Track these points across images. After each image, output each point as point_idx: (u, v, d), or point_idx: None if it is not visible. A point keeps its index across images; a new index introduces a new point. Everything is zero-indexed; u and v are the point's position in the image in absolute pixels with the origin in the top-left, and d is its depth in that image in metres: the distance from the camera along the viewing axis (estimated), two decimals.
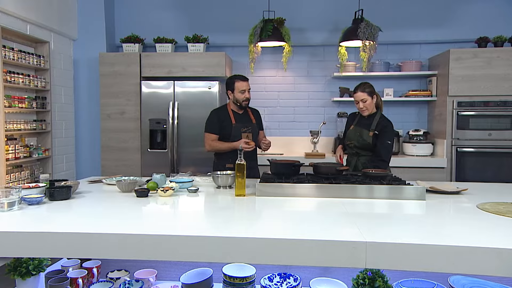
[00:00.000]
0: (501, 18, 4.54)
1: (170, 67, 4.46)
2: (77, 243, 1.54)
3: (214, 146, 3.18)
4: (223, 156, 3.21)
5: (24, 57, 3.80)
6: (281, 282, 1.76)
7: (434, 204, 2.02)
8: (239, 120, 3.22)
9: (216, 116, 3.23)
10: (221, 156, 3.24)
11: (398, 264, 1.39)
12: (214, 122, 3.21)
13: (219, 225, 1.64)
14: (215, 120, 3.21)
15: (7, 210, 1.79)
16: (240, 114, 3.26)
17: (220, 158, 3.25)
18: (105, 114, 4.52)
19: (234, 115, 3.23)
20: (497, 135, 4.19)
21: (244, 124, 3.22)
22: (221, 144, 3.17)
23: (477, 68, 4.16)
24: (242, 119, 3.25)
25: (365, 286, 1.59)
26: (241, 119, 3.24)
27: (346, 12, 4.45)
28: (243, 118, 3.26)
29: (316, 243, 1.43)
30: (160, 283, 1.86)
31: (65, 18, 4.49)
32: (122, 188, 2.29)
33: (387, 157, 2.99)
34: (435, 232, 1.54)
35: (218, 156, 3.27)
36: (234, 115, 3.23)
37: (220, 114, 3.24)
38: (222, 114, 3.24)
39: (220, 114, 3.25)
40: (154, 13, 4.93)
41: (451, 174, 4.26)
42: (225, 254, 1.48)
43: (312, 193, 2.20)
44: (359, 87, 3.05)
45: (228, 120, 3.20)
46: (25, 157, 3.81)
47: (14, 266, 1.77)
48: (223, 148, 3.16)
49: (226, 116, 3.22)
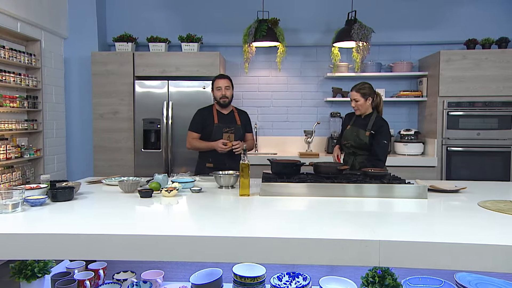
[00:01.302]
0: (489, 21, 4.66)
1: (164, 67, 4.43)
2: (83, 245, 1.52)
3: (193, 144, 3.23)
4: (205, 156, 3.24)
5: (16, 56, 3.72)
6: (290, 281, 1.77)
7: (436, 203, 2.07)
8: (223, 120, 3.24)
9: (200, 115, 3.28)
10: (203, 155, 3.28)
11: (410, 262, 1.42)
12: (197, 120, 3.27)
13: (228, 225, 1.65)
14: (198, 119, 3.26)
15: (11, 211, 1.76)
16: (224, 115, 3.27)
17: (202, 157, 3.29)
18: (98, 113, 4.47)
19: (218, 115, 3.25)
20: (485, 134, 4.30)
21: (227, 124, 3.23)
22: (200, 143, 3.21)
23: (466, 70, 4.27)
24: (226, 119, 3.26)
25: (375, 284, 1.61)
26: (224, 119, 3.25)
27: (338, 13, 4.51)
28: (227, 118, 3.27)
29: (329, 242, 1.44)
30: (168, 284, 1.86)
31: (55, 16, 4.42)
32: (124, 188, 2.28)
33: (383, 157, 3.04)
34: (441, 230, 1.58)
35: (200, 155, 3.32)
36: (218, 115, 3.25)
37: (204, 113, 3.27)
38: (206, 113, 3.27)
39: (204, 113, 3.28)
40: (147, 12, 4.89)
41: (441, 173, 4.36)
42: (236, 254, 1.49)
43: (316, 192, 2.22)
44: (355, 86, 3.11)
45: (211, 119, 3.22)
46: (16, 158, 3.74)
47: (19, 269, 1.74)
48: (201, 147, 3.21)
49: (210, 115, 3.24)
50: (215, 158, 3.19)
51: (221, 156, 3.17)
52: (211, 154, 3.19)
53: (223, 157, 3.18)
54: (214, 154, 3.17)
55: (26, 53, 3.87)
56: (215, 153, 3.17)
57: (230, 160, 3.22)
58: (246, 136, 3.38)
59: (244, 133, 3.34)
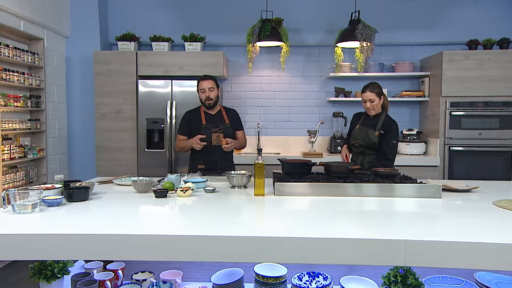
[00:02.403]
0: (490, 21, 4.71)
1: (167, 66, 4.41)
2: (103, 245, 1.51)
3: (179, 145, 3.27)
4: (196, 157, 3.24)
5: (19, 55, 3.68)
6: (310, 281, 1.78)
7: (451, 202, 2.09)
8: (210, 121, 3.23)
9: (187, 118, 3.28)
10: (194, 157, 3.27)
11: (435, 261, 1.43)
12: (183, 123, 3.29)
13: (249, 225, 1.65)
14: (185, 121, 3.27)
15: (30, 212, 1.74)
16: (212, 115, 3.26)
17: (193, 159, 3.29)
18: (100, 113, 4.43)
19: (206, 116, 3.24)
20: (486, 134, 4.35)
21: (215, 124, 3.21)
22: (181, 143, 3.24)
23: (468, 70, 4.31)
24: (213, 120, 3.24)
25: (397, 284, 1.62)
26: (212, 120, 3.24)
27: (341, 13, 4.53)
28: (215, 119, 3.26)
29: (356, 242, 1.45)
30: (188, 284, 1.85)
31: (58, 15, 4.38)
32: (138, 188, 2.27)
33: (392, 156, 3.06)
34: (462, 230, 1.59)
35: (191, 157, 3.31)
36: (206, 116, 3.24)
37: (191, 116, 3.27)
38: (193, 115, 3.26)
39: (191, 115, 3.27)
40: (148, 11, 4.86)
41: (444, 173, 4.40)
42: (260, 254, 1.48)
43: (330, 192, 2.23)
44: (368, 87, 3.09)
45: (198, 121, 3.21)
46: (20, 158, 3.70)
47: (38, 269, 1.72)
48: (183, 146, 3.23)
49: (197, 117, 3.23)
50: (206, 159, 3.19)
51: (212, 157, 3.18)
52: (202, 156, 3.19)
53: (215, 158, 3.19)
54: (205, 155, 3.18)
55: (29, 52, 3.83)
56: (206, 155, 3.17)
57: (222, 160, 3.23)
58: (237, 134, 3.36)
59: (234, 132, 3.31)
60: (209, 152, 3.15)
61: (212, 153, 3.16)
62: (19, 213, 1.74)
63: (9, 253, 1.54)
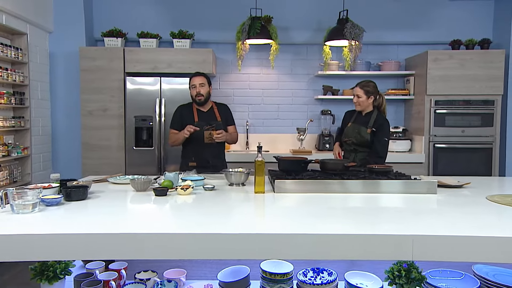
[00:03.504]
0: (471, 22, 4.85)
1: (156, 63, 4.36)
2: (107, 244, 1.49)
3: (172, 139, 3.23)
4: (187, 155, 3.22)
5: (2, 50, 3.56)
6: (314, 277, 1.80)
7: (446, 198, 2.15)
8: (203, 118, 3.21)
9: (180, 113, 3.24)
10: (185, 154, 3.25)
11: (441, 255, 1.47)
12: (176, 118, 3.25)
13: (254, 222, 1.65)
14: (178, 116, 3.24)
15: (30, 211, 1.70)
16: (204, 112, 3.25)
17: (184, 156, 3.26)
18: (86, 110, 4.34)
19: (198, 113, 3.22)
20: (469, 131, 4.48)
21: (208, 122, 3.20)
22: (174, 136, 3.20)
23: (452, 69, 4.43)
24: (206, 117, 3.23)
25: (401, 278, 1.66)
26: (204, 117, 3.22)
27: (329, 12, 4.58)
28: (207, 116, 3.24)
29: (364, 238, 1.48)
30: (193, 283, 1.84)
31: (41, 9, 4.25)
32: (137, 187, 2.23)
33: (383, 154, 3.12)
34: (463, 224, 1.64)
35: (183, 154, 3.29)
36: (198, 113, 3.22)
37: (184, 111, 3.24)
38: (186, 111, 3.23)
39: (184, 111, 3.24)
40: (135, 7, 4.78)
41: (429, 169, 4.51)
42: (267, 250, 1.48)
43: (329, 189, 2.25)
44: (360, 82, 3.18)
45: (191, 117, 3.19)
46: (4, 156, 3.58)
47: (40, 271, 1.68)
48: (176, 139, 3.19)
49: (190, 113, 3.21)
50: (198, 156, 3.17)
51: (203, 155, 3.17)
52: (193, 153, 3.17)
53: (206, 156, 3.18)
54: (197, 152, 3.17)
55: (12, 47, 3.71)
56: (197, 152, 3.16)
57: (213, 158, 3.22)
58: (228, 129, 3.35)
59: (226, 128, 3.29)
60: (200, 150, 3.13)
61: (204, 151, 3.14)
62: (18, 213, 1.69)
63: (11, 255, 1.50)
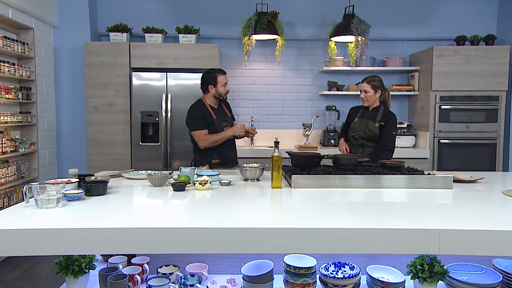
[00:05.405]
0: (476, 18, 4.87)
1: (161, 58, 4.34)
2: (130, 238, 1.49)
3: (210, 140, 3.08)
4: (208, 153, 3.13)
5: (9, 44, 3.53)
6: (336, 271, 1.81)
7: (462, 193, 2.17)
8: (218, 114, 3.21)
9: (200, 112, 3.14)
10: (205, 153, 3.14)
11: (468, 250, 1.49)
12: (200, 117, 3.12)
13: (277, 217, 1.66)
14: (200, 115, 3.12)
15: (54, 206, 1.70)
16: (216, 109, 3.24)
17: (204, 155, 3.14)
18: (92, 106, 4.32)
19: (213, 110, 3.21)
20: (473, 127, 4.52)
21: (223, 118, 3.22)
22: (216, 136, 3.09)
23: (457, 65, 4.45)
24: (220, 113, 3.24)
25: (424, 272, 1.68)
26: (219, 113, 3.23)
27: (334, 7, 4.58)
28: (220, 112, 3.26)
29: (392, 232, 1.49)
30: (216, 277, 1.85)
31: (45, 3, 4.21)
32: (154, 182, 2.24)
33: (392, 147, 3.14)
34: (484, 218, 1.67)
35: (203, 152, 3.14)
36: (213, 110, 3.21)
37: (203, 110, 3.17)
38: (204, 109, 3.18)
39: (203, 110, 3.17)
40: (140, 1, 4.75)
41: (433, 164, 4.55)
42: (293, 244, 1.49)
43: (345, 184, 2.27)
44: (366, 78, 3.20)
45: (209, 115, 3.16)
46: (12, 152, 3.56)
47: (65, 265, 1.68)
48: (218, 139, 3.09)
49: (207, 111, 3.17)
50: (221, 154, 3.15)
51: (226, 151, 3.17)
52: (217, 151, 3.14)
53: (227, 152, 3.19)
54: (220, 150, 3.14)
55: (19, 42, 3.68)
56: (221, 149, 3.14)
57: (234, 154, 3.28)
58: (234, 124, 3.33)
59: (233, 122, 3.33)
60: (223, 146, 3.13)
61: (225, 147, 3.15)
62: (42, 207, 1.69)
63: (39, 249, 1.49)
